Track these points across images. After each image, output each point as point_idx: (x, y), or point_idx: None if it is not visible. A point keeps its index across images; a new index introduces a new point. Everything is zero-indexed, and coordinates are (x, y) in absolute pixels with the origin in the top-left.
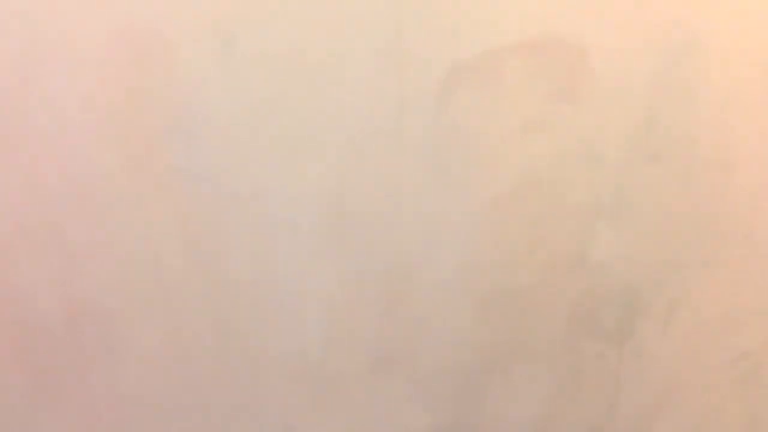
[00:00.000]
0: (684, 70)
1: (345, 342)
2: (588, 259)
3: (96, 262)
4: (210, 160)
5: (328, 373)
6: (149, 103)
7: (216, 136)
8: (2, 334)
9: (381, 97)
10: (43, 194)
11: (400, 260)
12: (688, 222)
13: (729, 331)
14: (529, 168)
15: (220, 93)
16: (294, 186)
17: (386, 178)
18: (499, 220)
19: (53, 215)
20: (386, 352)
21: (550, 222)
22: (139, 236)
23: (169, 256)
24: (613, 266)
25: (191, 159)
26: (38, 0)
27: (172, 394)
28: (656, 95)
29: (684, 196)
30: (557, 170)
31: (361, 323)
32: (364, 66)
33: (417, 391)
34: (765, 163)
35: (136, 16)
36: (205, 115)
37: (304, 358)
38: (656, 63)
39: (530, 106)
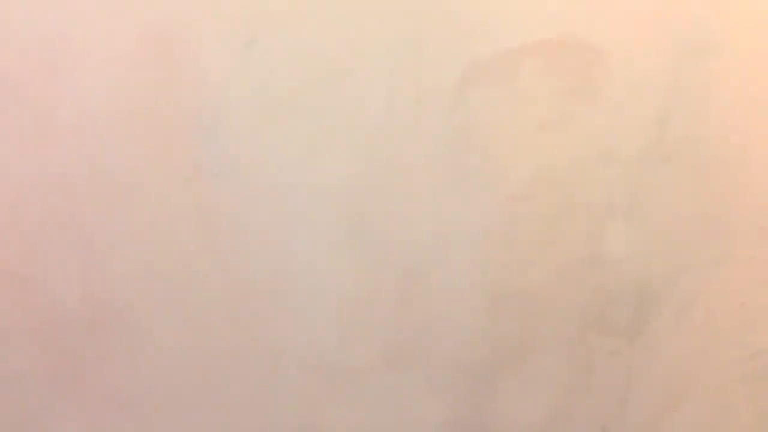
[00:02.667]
0: (699, 72)
1: (360, 337)
2: (601, 257)
3: (117, 255)
4: (230, 157)
5: (343, 367)
6: (172, 102)
7: (236, 135)
8: (25, 324)
9: (398, 96)
10: (67, 189)
11: (415, 257)
12: (701, 221)
13: (741, 329)
14: (543, 166)
15: (241, 91)
16: (311, 183)
17: (402, 176)
18: (513, 218)
19: (76, 209)
20: (401, 347)
21: (564, 220)
22: (159, 231)
23: (189, 250)
24: (626, 264)
25: (212, 156)
26: (66, 0)
27: (190, 386)
28: (671, 96)
29: (697, 195)
30: (572, 169)
31: (377, 319)
32: (382, 64)
33: (431, 386)
34: None
35: (160, 17)
36: (226, 114)
37: (319, 352)
38: (671, 64)
39: (546, 106)
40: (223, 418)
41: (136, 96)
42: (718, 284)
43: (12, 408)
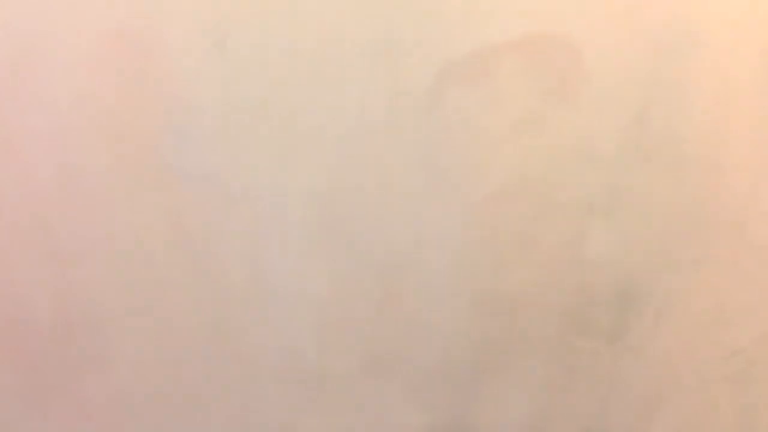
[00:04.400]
0: (677, 69)
1: (339, 343)
2: (580, 257)
3: (87, 262)
4: (201, 159)
5: (321, 373)
6: (141, 103)
7: (207, 135)
8: None
9: (372, 96)
10: (35, 193)
11: (391, 259)
12: (681, 220)
13: (721, 328)
14: (521, 166)
15: (212, 92)
16: (285, 185)
17: (377, 176)
18: (491, 219)
19: (45, 214)
20: (379, 351)
21: (543, 220)
22: (130, 236)
23: (161, 255)
24: (606, 264)
25: (183, 158)
26: (32, 2)
27: (164, 395)
28: (649, 93)
29: (676, 194)
30: (549, 168)
31: (354, 323)
32: (356, 64)
33: (412, 391)
34: (757, 161)
35: (128, 17)
36: (197, 115)
37: (296, 358)
38: (650, 61)
39: (522, 105)
40: (200, 428)
41: (103, 98)
42: (698, 284)
43: None
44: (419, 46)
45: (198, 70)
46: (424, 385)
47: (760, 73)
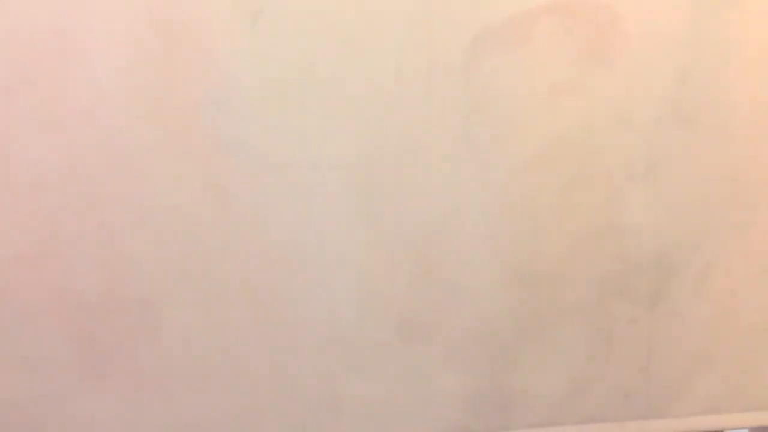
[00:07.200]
0: (717, 31)
1: (378, 311)
2: (620, 225)
3: (134, 235)
4: (241, 130)
5: (361, 341)
6: (181, 77)
7: (246, 107)
8: (49, 308)
9: (409, 63)
10: (81, 171)
11: (429, 227)
12: (722, 184)
13: (763, 294)
14: (558, 131)
15: (250, 64)
16: (323, 154)
17: (414, 144)
18: (529, 187)
19: (91, 191)
20: (419, 320)
21: (581, 188)
22: (174, 210)
23: (205, 229)
24: (645, 231)
25: (223, 130)
26: None
27: (211, 362)
28: (689, 56)
29: (717, 157)
30: (588, 134)
31: (394, 292)
32: (392, 31)
33: (450, 358)
34: None
35: None
36: (236, 87)
37: (336, 324)
38: (689, 23)
39: (560, 69)
40: (244, 393)
41: (144, 74)
42: (739, 248)
43: (39, 392)
44: (455, 12)
45: (236, 42)
46: (463, 353)
47: None
